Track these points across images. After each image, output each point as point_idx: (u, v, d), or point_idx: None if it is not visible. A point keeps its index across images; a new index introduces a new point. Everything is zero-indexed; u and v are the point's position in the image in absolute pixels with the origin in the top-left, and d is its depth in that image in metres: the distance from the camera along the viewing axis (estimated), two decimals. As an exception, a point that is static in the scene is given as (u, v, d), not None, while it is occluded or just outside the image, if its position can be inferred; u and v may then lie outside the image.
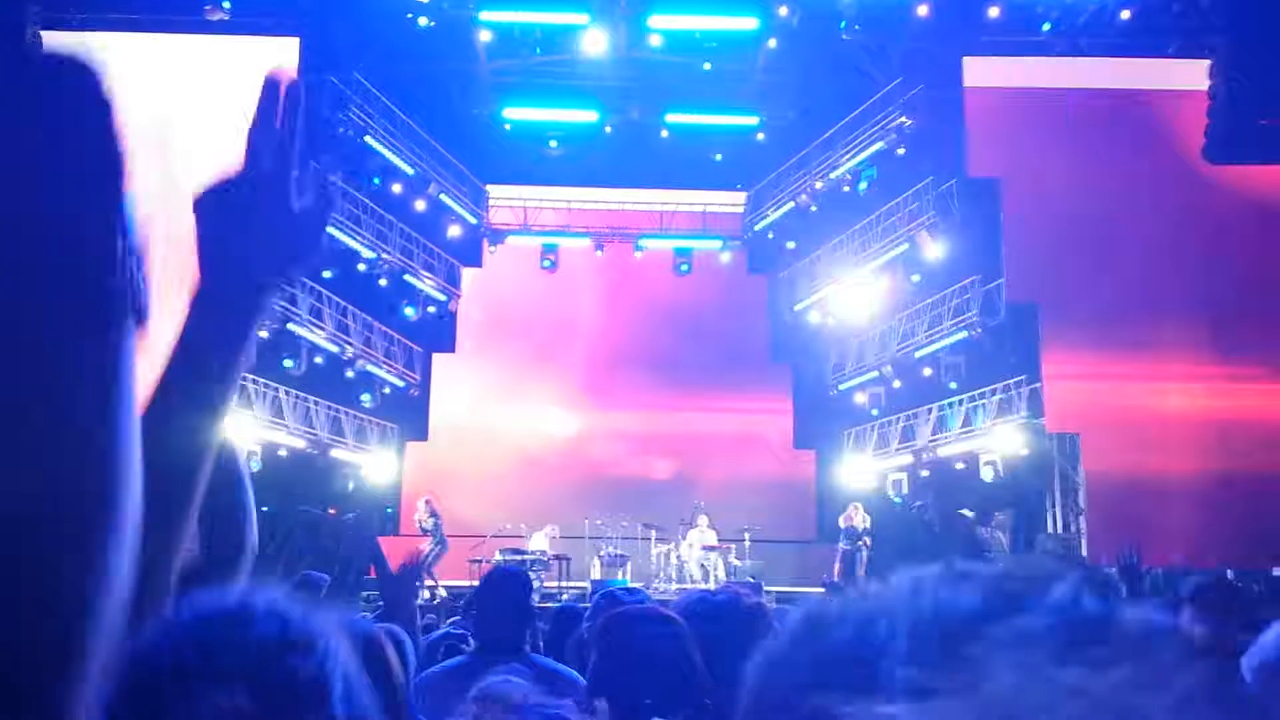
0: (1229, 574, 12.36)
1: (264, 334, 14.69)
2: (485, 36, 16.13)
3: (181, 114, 13.09)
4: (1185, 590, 3.20)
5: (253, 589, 0.90)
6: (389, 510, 18.03)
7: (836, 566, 14.82)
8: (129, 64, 14.14)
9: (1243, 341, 13.23)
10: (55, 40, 14.58)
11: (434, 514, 14.62)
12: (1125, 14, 14.52)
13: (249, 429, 14.39)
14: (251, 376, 14.59)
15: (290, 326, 15.03)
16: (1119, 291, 13.36)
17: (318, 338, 15.64)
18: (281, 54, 14.55)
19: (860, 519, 14.94)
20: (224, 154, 1.07)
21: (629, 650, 2.12)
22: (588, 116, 17.56)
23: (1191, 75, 14.20)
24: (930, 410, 16.12)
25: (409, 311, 18.01)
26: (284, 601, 0.87)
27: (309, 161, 1.12)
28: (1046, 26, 14.63)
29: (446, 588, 14.17)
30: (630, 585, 12.02)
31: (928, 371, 16.11)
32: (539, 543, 15.05)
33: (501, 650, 3.08)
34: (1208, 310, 13.34)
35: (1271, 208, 13.40)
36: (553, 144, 18.05)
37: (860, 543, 14.73)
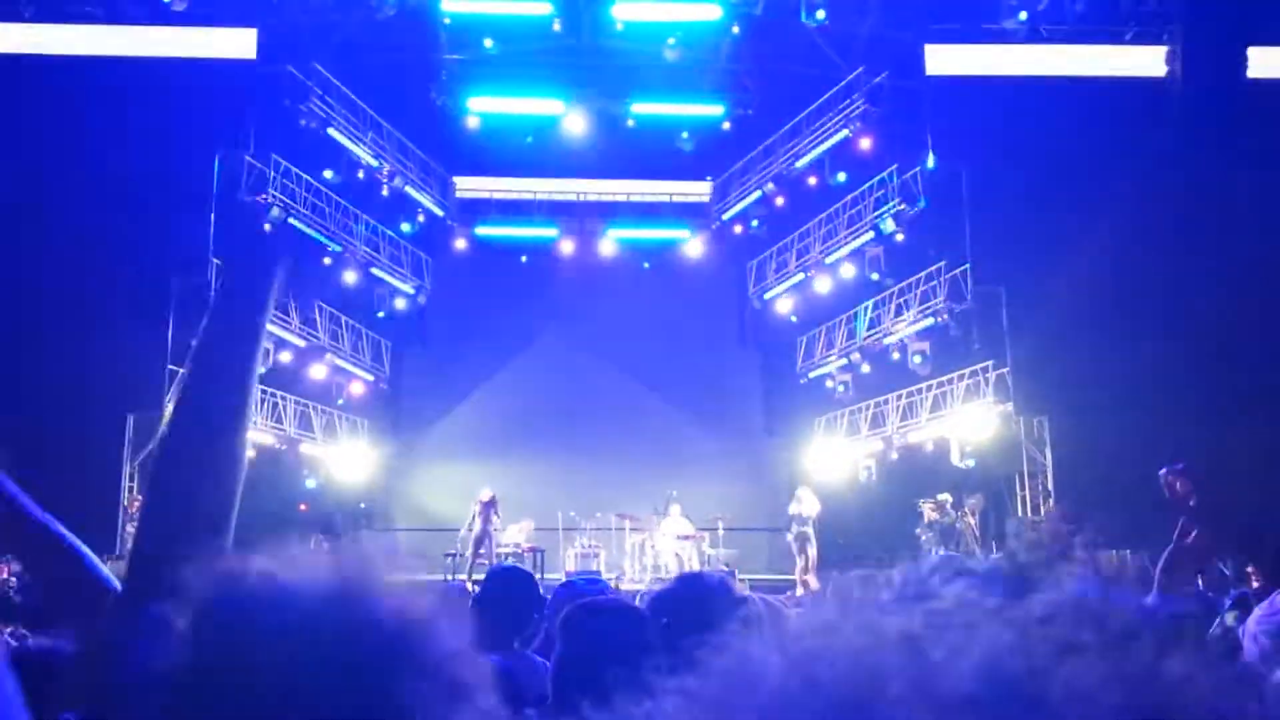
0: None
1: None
2: (448, 26, 16.02)
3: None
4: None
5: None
6: (362, 506, 17.91)
7: (798, 565, 14.65)
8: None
9: (1209, 322, 13.40)
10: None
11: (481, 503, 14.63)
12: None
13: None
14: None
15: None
16: (1084, 275, 13.50)
17: (285, 333, 15.48)
18: (238, 45, 14.37)
19: (809, 504, 14.89)
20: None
21: (590, 641, 2.13)
22: (553, 107, 17.48)
23: (1150, 61, 14.37)
24: (900, 396, 16.25)
25: (378, 310, 17.87)
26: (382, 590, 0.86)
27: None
28: (1023, 15, 14.71)
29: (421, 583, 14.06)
30: (591, 575, 12.03)
31: (896, 357, 16.22)
32: (513, 535, 15.04)
33: (494, 648, 3.07)
34: (1173, 292, 13.51)
35: (1234, 187, 13.57)
36: (528, 139, 17.96)
37: (806, 529, 14.61)
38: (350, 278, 16.83)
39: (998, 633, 0.43)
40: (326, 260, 16.33)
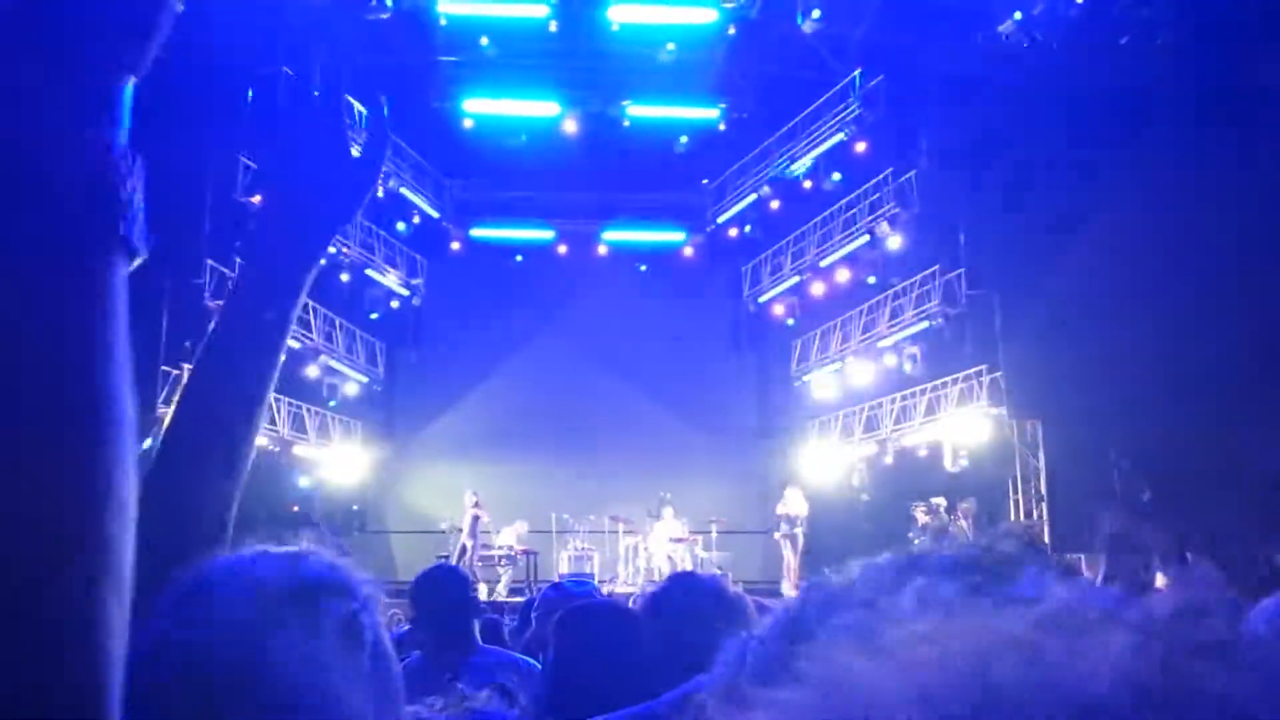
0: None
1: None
2: (444, 28, 16.00)
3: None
4: None
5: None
6: (355, 508, 17.87)
7: (785, 562, 15.01)
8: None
9: (1204, 327, 13.41)
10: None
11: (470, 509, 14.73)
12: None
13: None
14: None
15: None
16: (1078, 280, 13.52)
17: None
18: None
19: (796, 504, 15.17)
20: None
21: (584, 644, 2.12)
22: (549, 109, 17.48)
23: (1145, 65, 14.39)
24: (893, 400, 16.26)
25: (371, 311, 17.84)
26: (332, 557, 0.90)
27: (365, 99, 1.17)
28: (1018, 15, 14.73)
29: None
30: (581, 577, 12.04)
31: (890, 361, 16.24)
32: (506, 538, 15.02)
33: (452, 646, 3.05)
34: (1168, 297, 13.53)
35: (1231, 193, 13.60)
36: (523, 137, 17.95)
37: (796, 530, 14.96)
38: (344, 278, 16.80)
39: (1122, 634, 0.41)
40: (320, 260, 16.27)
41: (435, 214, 18.62)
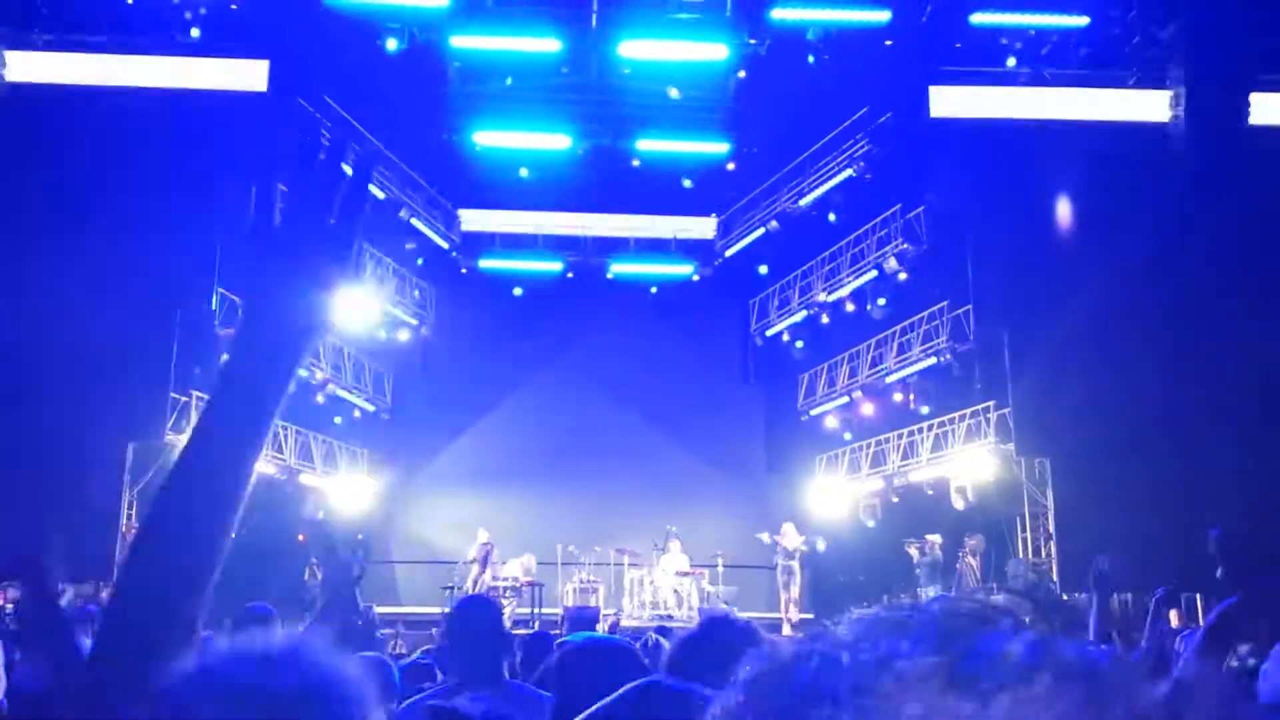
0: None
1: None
2: (456, 61, 16.17)
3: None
4: None
5: (282, 635, 0.88)
6: (360, 536, 17.79)
7: (783, 599, 15.07)
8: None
9: (1212, 366, 13.38)
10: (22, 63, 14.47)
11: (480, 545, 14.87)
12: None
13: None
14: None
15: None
16: (1087, 318, 13.51)
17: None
18: (250, 77, 14.51)
19: (790, 539, 15.20)
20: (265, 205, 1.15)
21: (586, 684, 2.08)
22: (560, 142, 17.61)
23: (1153, 106, 14.49)
24: (900, 435, 16.21)
25: (379, 334, 17.89)
26: (308, 649, 0.85)
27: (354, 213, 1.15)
28: (1011, 61, 14.88)
29: (419, 615, 14.03)
30: (583, 609, 11.98)
31: (898, 397, 16.21)
32: (512, 569, 14.96)
33: (480, 679, 3.03)
34: (1175, 335, 13.51)
35: (1236, 233, 13.62)
36: (523, 171, 18.08)
37: (791, 563, 15.00)
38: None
39: None
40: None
41: (444, 244, 18.72)
